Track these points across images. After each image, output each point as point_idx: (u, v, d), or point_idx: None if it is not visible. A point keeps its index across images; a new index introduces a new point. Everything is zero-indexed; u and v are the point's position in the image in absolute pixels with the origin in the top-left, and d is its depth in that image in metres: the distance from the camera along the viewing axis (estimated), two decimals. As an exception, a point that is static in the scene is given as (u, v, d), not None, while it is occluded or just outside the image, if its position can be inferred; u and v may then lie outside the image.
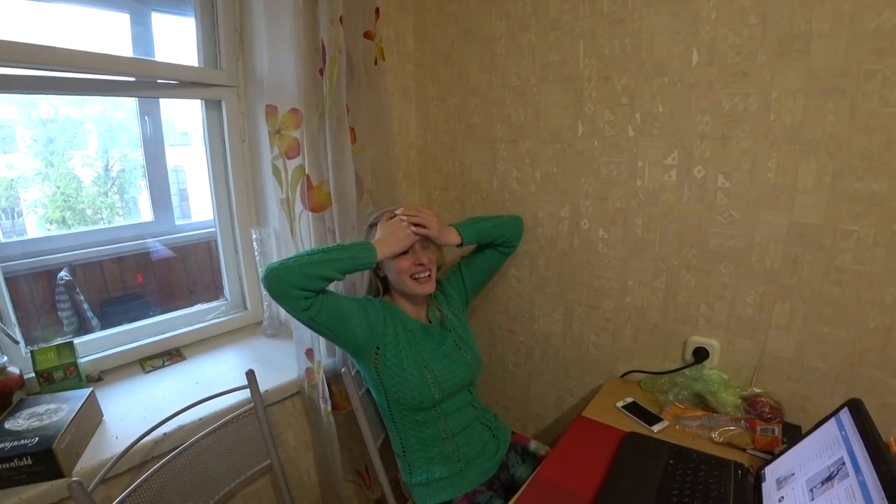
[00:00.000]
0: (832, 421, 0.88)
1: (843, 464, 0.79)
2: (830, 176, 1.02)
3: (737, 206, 1.13)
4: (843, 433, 0.84)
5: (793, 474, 0.88)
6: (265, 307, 1.53)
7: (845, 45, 0.97)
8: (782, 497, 0.86)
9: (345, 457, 1.44)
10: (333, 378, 1.35)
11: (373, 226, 1.18)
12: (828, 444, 0.86)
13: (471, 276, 1.36)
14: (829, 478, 0.80)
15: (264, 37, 1.22)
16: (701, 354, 1.23)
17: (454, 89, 1.54)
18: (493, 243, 1.33)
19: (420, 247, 1.16)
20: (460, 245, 1.23)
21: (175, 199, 1.61)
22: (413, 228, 1.12)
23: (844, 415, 0.86)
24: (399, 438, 1.20)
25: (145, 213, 1.53)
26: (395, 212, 1.15)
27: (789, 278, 1.11)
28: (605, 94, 1.25)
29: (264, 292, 1.51)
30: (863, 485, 0.72)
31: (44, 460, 0.91)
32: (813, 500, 0.79)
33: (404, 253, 1.13)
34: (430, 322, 1.24)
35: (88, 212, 1.47)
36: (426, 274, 1.16)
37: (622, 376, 1.39)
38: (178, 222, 1.59)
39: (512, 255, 1.43)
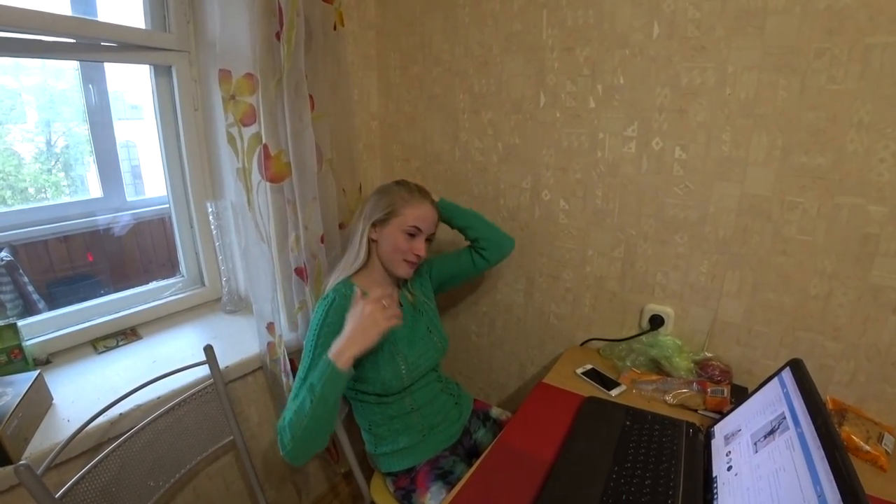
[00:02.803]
0: (775, 380, 0.94)
1: (784, 418, 0.84)
2: (780, 150, 1.07)
3: (692, 177, 1.17)
4: (784, 391, 0.90)
5: (739, 430, 0.94)
6: (223, 283, 1.48)
7: (798, 23, 1.00)
8: (729, 451, 0.92)
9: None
10: (296, 352, 1.34)
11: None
12: (770, 402, 0.91)
13: (438, 270, 1.34)
14: (771, 431, 0.85)
15: (217, -3, 1.15)
16: (657, 321, 1.29)
17: (416, 58, 1.51)
18: (466, 236, 1.31)
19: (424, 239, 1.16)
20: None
21: (127, 177, 1.52)
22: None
23: (786, 374, 0.92)
24: (365, 416, 1.20)
25: (94, 190, 1.45)
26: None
27: (740, 248, 1.16)
28: (567, 65, 1.25)
29: (222, 267, 1.47)
30: (801, 436, 0.78)
31: (-11, 446, 0.87)
32: (756, 452, 0.85)
33: (411, 235, 1.13)
34: (402, 305, 1.22)
35: (31, 190, 1.38)
36: (416, 263, 1.16)
37: (582, 344, 1.43)
38: (130, 199, 1.51)
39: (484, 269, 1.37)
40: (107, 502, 0.94)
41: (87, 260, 1.49)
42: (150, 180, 1.58)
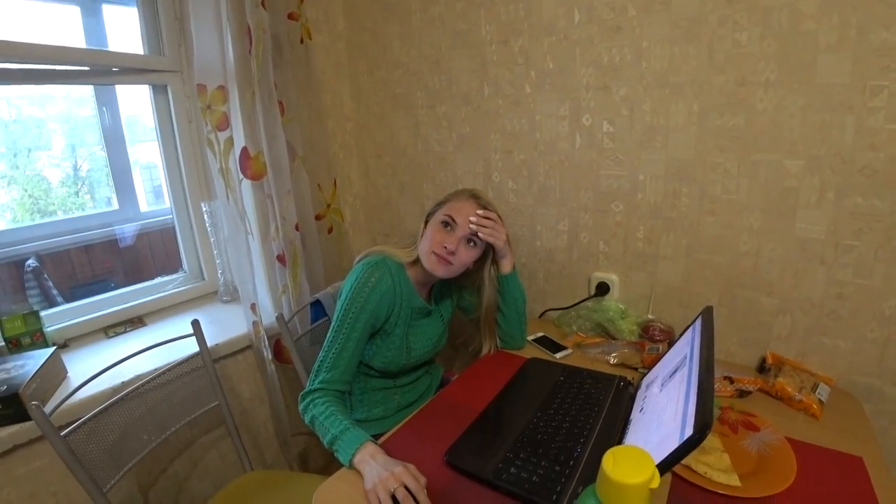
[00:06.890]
0: (690, 328, 0.99)
1: (686, 358, 0.90)
2: (697, 114, 1.13)
3: (621, 148, 1.24)
4: (693, 335, 0.95)
5: (657, 377, 0.99)
6: (219, 275, 1.65)
7: (699, -6, 1.07)
8: (645, 396, 0.98)
9: (295, 409, 1.55)
10: (277, 333, 1.47)
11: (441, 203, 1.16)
12: (682, 348, 0.97)
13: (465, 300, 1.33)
14: (675, 371, 0.91)
15: (192, 22, 1.33)
16: (603, 289, 1.35)
17: (380, 63, 1.65)
18: (504, 314, 1.24)
19: (461, 237, 1.09)
20: (504, 274, 1.19)
21: (150, 197, 1.70)
22: (480, 234, 1.09)
23: (698, 321, 0.97)
24: None
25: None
26: (471, 219, 1.09)
27: (671, 211, 1.21)
28: (504, 57, 1.36)
29: (218, 261, 1.64)
30: (690, 370, 0.84)
31: (11, 404, 1.03)
32: (661, 391, 0.91)
33: (447, 225, 1.10)
34: (431, 302, 1.23)
35: (60, 213, 1.53)
36: (446, 259, 1.08)
37: (540, 316, 1.50)
38: (143, 210, 1.68)
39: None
40: (108, 453, 1.09)
41: (105, 266, 1.66)
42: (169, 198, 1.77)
